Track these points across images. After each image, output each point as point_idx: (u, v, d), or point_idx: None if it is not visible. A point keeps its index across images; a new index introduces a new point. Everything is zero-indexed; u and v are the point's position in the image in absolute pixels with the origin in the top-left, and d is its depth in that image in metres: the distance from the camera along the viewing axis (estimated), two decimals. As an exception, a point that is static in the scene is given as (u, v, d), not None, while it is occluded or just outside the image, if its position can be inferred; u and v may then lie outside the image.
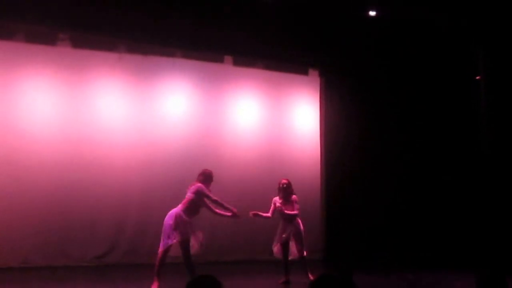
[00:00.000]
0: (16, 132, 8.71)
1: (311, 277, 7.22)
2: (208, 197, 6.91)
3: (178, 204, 9.45)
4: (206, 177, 7.05)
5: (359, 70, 10.43)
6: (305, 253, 7.59)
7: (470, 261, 8.68)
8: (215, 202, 6.94)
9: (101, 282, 7.78)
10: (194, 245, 6.77)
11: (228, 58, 10.12)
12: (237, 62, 10.19)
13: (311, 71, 10.82)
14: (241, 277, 8.24)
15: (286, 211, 7.55)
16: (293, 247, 7.61)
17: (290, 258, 7.62)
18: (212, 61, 10.03)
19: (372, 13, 9.62)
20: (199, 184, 6.89)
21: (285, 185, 7.62)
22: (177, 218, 6.62)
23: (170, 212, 6.77)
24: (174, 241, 6.61)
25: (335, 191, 10.29)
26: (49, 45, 8.92)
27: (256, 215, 7.69)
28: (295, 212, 7.59)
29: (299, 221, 7.69)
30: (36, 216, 8.52)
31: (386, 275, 8.26)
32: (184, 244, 6.67)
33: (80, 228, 8.91)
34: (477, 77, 10.22)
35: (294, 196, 7.65)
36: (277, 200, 7.66)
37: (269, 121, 10.65)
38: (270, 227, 10.08)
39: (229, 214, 7.01)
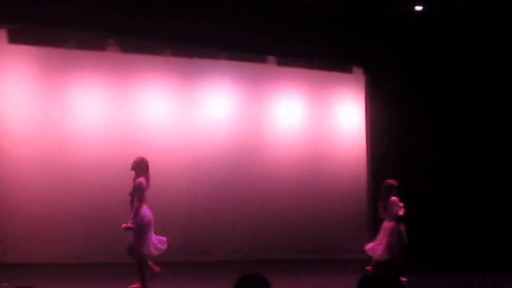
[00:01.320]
0: (69, 135, 9.07)
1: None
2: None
3: (223, 204, 9.72)
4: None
5: (405, 67, 10.26)
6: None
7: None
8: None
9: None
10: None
11: (271, 58, 10.15)
12: (281, 62, 10.20)
13: (355, 69, 10.68)
14: (288, 276, 8.25)
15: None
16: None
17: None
18: (255, 62, 10.10)
19: (418, 8, 9.46)
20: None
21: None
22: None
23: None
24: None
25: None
26: (99, 50, 9.22)
27: None
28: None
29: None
30: (90, 215, 8.88)
31: (436, 275, 8.10)
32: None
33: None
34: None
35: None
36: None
37: (313, 121, 10.61)
38: (315, 227, 10.19)
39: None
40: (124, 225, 6.48)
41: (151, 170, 9.27)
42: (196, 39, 9.27)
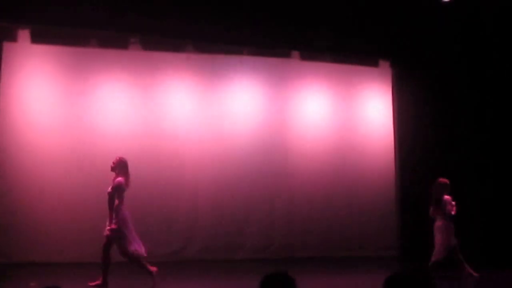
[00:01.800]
0: (92, 132, 9.15)
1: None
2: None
3: (250, 201, 9.69)
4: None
5: (432, 60, 10.05)
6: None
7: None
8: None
9: (177, 278, 7.96)
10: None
11: (295, 53, 10.05)
12: (304, 56, 10.09)
13: (381, 62, 10.51)
14: (316, 274, 8.16)
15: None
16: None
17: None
18: (279, 57, 10.01)
19: (445, -1, 9.25)
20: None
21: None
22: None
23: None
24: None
25: (410, 187, 9.93)
26: (121, 48, 9.26)
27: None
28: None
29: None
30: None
31: (467, 274, 7.87)
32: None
33: (155, 223, 9.17)
34: None
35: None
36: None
37: (339, 115, 10.50)
38: (343, 224, 10.06)
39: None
40: (107, 228, 6.58)
41: (176, 165, 9.27)
42: (218, 36, 9.27)
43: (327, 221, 10.03)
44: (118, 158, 6.88)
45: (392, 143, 10.40)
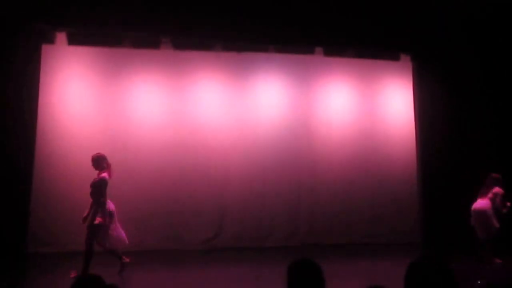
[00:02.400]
0: (127, 130, 9.60)
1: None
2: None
3: (276, 191, 10.02)
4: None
5: (454, 53, 10.10)
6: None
7: None
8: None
9: (209, 265, 8.33)
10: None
11: (318, 49, 10.24)
12: (328, 52, 10.27)
13: (402, 56, 10.60)
14: (338, 260, 8.43)
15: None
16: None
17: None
18: (303, 53, 10.23)
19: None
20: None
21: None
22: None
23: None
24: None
25: (432, 177, 10.06)
26: (153, 48, 9.63)
27: None
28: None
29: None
30: (150, 202, 9.39)
31: (485, 262, 8.09)
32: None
33: (189, 212, 9.61)
34: None
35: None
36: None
37: (362, 109, 10.70)
38: (367, 212, 10.31)
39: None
40: (96, 222, 6.82)
41: (206, 163, 9.58)
42: (246, 34, 9.47)
43: (351, 209, 10.30)
44: (94, 154, 7.13)
45: (414, 135, 10.54)
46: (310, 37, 9.84)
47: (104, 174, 7.00)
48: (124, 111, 9.67)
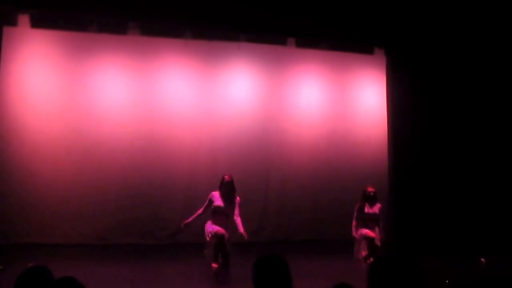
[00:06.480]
0: (91, 116, 9.29)
1: None
2: None
3: (242, 187, 9.82)
4: None
5: (428, 47, 10.05)
6: None
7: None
8: None
9: (175, 260, 8.12)
10: None
11: (291, 40, 10.03)
12: (300, 44, 10.08)
13: (376, 49, 10.47)
14: (307, 257, 8.32)
15: None
16: None
17: None
18: (275, 44, 10.01)
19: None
20: None
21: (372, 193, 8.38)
22: None
23: None
24: None
25: (403, 175, 9.99)
26: (119, 34, 9.29)
27: None
28: None
29: None
30: (112, 195, 9.15)
31: (454, 259, 8.09)
32: None
33: (155, 206, 9.40)
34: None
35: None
36: None
37: (334, 102, 10.61)
38: (335, 211, 10.23)
39: None
40: None
41: (172, 152, 9.34)
42: (216, 21, 9.23)
43: (320, 206, 10.22)
44: None
45: (386, 131, 10.44)
46: (282, 27, 9.62)
47: None
48: (88, 98, 9.34)
